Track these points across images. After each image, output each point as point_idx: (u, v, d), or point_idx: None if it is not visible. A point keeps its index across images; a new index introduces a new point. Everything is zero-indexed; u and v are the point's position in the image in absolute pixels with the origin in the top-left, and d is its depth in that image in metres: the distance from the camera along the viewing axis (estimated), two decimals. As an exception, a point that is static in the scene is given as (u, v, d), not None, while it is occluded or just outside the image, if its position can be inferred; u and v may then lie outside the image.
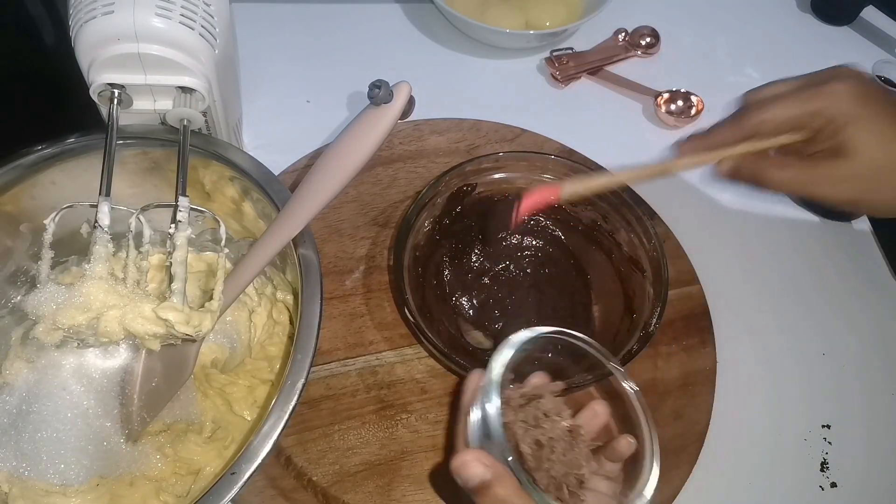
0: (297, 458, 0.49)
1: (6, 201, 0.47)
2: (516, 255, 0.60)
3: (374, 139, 0.44)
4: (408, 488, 0.49)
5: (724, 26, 0.79)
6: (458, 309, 0.57)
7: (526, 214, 0.47)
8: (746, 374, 0.56)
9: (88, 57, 0.44)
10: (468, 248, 0.59)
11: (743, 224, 0.65)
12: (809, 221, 0.66)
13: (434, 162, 0.64)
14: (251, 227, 0.53)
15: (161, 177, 0.51)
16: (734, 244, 0.63)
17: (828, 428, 0.55)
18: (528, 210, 0.46)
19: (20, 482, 0.45)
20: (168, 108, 0.47)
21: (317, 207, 0.45)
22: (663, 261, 0.51)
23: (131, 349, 0.49)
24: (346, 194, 0.61)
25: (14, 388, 0.48)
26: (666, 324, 0.55)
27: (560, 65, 0.72)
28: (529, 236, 0.60)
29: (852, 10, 0.80)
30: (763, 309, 0.60)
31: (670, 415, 0.52)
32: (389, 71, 0.55)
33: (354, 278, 0.57)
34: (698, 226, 0.62)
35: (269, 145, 0.64)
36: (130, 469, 0.46)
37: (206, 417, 0.49)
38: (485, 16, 0.73)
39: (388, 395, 0.52)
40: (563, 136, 0.66)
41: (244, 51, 0.59)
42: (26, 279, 0.51)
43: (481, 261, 0.59)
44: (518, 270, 0.59)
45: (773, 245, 0.64)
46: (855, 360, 0.58)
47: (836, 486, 0.52)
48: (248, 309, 0.52)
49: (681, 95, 0.71)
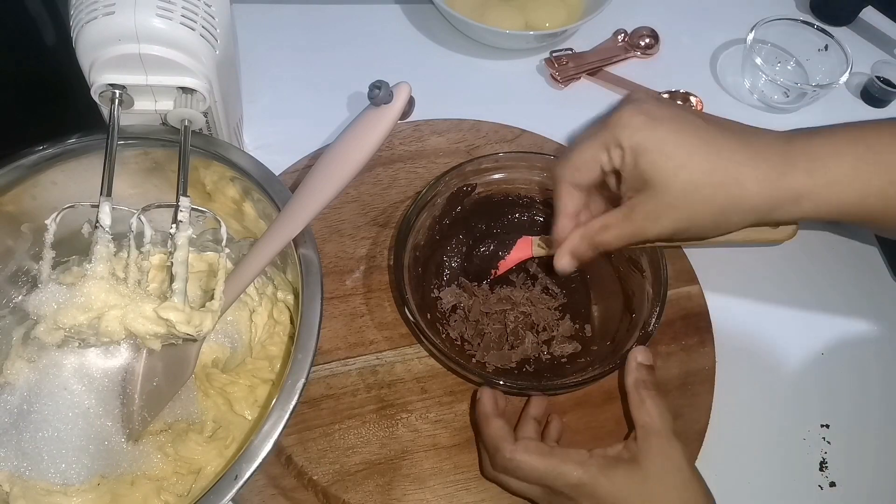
0: (297, 457, 0.49)
1: (7, 201, 0.47)
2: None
3: (374, 140, 0.44)
4: (408, 487, 0.49)
5: (723, 27, 0.79)
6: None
7: (505, 271, 0.55)
8: (746, 373, 0.56)
9: (89, 57, 0.45)
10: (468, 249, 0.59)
11: (742, 224, 0.65)
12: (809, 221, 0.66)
13: (434, 162, 0.64)
14: (252, 227, 0.53)
15: (162, 177, 0.51)
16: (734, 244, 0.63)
17: (827, 427, 0.55)
18: (506, 269, 0.54)
19: (21, 482, 0.45)
20: (169, 108, 0.47)
21: (317, 207, 0.46)
22: (663, 261, 0.51)
23: (132, 349, 0.49)
24: (347, 194, 0.61)
25: (15, 388, 0.48)
26: (665, 323, 0.56)
27: (560, 65, 0.73)
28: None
29: (851, 10, 0.80)
30: (762, 309, 0.60)
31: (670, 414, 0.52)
32: (389, 71, 0.55)
33: (355, 278, 0.58)
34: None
35: (269, 146, 0.64)
36: (131, 468, 0.46)
37: (207, 417, 0.49)
38: (484, 16, 0.73)
39: (389, 395, 0.52)
40: (563, 137, 0.66)
41: (245, 51, 0.59)
42: (27, 279, 0.51)
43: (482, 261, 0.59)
44: (518, 270, 0.59)
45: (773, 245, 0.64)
46: (854, 360, 0.58)
47: (835, 486, 0.52)
48: (248, 309, 0.52)
49: (680, 96, 0.71)
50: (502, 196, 0.58)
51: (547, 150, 0.65)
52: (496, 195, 0.58)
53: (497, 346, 0.55)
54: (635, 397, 0.46)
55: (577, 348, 0.55)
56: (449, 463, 0.50)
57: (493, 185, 0.58)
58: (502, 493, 0.49)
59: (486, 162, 0.56)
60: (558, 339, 0.55)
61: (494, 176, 0.57)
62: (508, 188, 0.58)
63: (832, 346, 0.59)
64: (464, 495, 0.49)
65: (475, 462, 0.50)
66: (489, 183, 0.57)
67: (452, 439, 0.51)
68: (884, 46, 0.79)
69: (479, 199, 0.58)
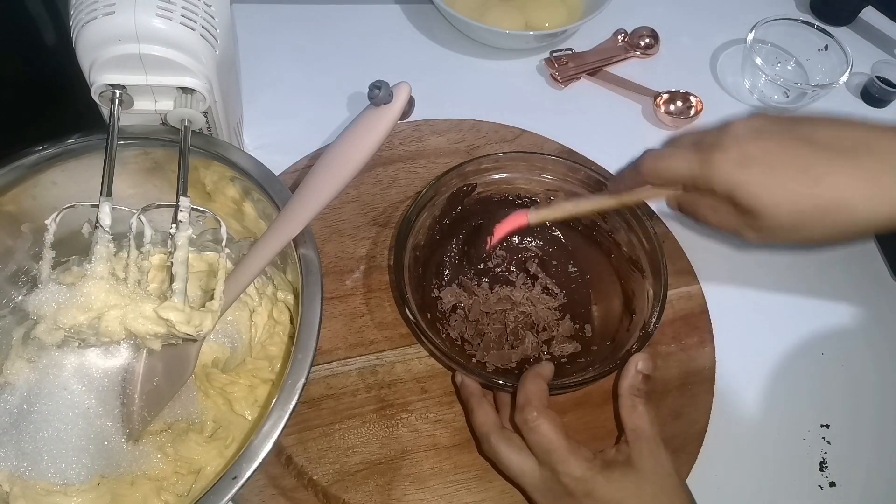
0: (297, 457, 0.49)
1: (7, 201, 0.47)
2: (516, 255, 0.60)
3: (374, 140, 0.44)
4: (408, 487, 0.49)
5: (723, 27, 0.79)
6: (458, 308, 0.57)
7: (499, 241, 0.52)
8: (746, 373, 0.56)
9: (89, 57, 0.45)
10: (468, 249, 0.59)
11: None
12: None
13: (434, 162, 0.64)
14: (252, 227, 0.53)
15: (162, 177, 0.51)
16: (734, 244, 0.63)
17: (827, 427, 0.55)
18: (500, 237, 0.52)
19: (21, 482, 0.45)
20: (169, 108, 0.47)
21: (317, 207, 0.46)
22: (663, 261, 0.51)
23: (132, 349, 0.49)
24: (347, 194, 0.61)
25: (15, 388, 0.48)
26: (665, 323, 0.56)
27: (560, 65, 0.73)
28: (529, 237, 0.60)
29: (851, 10, 0.80)
30: (762, 308, 0.60)
31: (670, 414, 0.52)
32: (389, 71, 0.55)
33: (355, 278, 0.58)
34: (698, 226, 0.62)
35: (269, 146, 0.64)
36: (131, 468, 0.46)
37: (207, 417, 0.49)
38: (485, 16, 0.73)
39: (389, 395, 0.52)
40: (563, 137, 0.66)
41: (245, 51, 0.59)
42: (27, 279, 0.51)
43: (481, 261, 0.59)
44: (518, 270, 0.59)
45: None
46: (854, 360, 0.58)
47: (835, 486, 0.52)
48: (248, 309, 0.52)
49: (680, 96, 0.71)
50: (502, 196, 0.58)
51: (547, 150, 0.65)
52: (496, 195, 0.58)
53: (497, 346, 0.55)
54: (627, 402, 0.46)
55: (577, 348, 0.55)
56: (449, 463, 0.50)
57: (493, 185, 0.58)
58: (502, 493, 0.49)
59: (486, 162, 0.56)
60: (558, 339, 0.55)
61: (494, 176, 0.57)
62: (508, 188, 0.58)
63: (832, 346, 0.59)
64: (464, 495, 0.49)
65: (475, 462, 0.50)
66: (489, 183, 0.57)
67: (452, 439, 0.51)
68: (884, 46, 0.79)
69: (479, 199, 0.58)
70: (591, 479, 0.43)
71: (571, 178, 0.57)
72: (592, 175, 0.56)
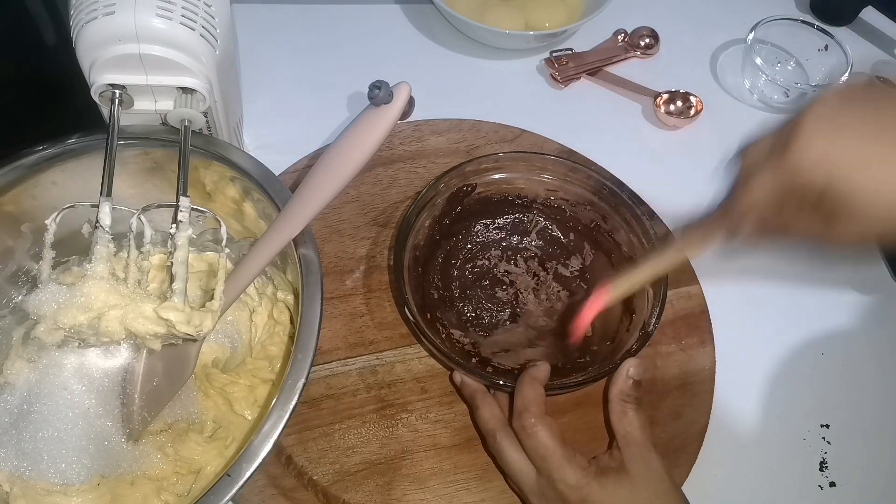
0: (297, 457, 0.49)
1: (7, 201, 0.47)
2: (516, 255, 0.60)
3: (374, 140, 0.44)
4: (408, 487, 0.49)
5: (723, 27, 0.79)
6: (458, 309, 0.57)
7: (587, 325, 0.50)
8: (746, 373, 0.56)
9: (89, 57, 0.45)
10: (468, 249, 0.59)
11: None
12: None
13: (434, 162, 0.64)
14: (252, 227, 0.53)
15: (162, 177, 0.51)
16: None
17: (827, 427, 0.55)
18: (587, 322, 0.50)
19: (21, 482, 0.45)
20: (169, 108, 0.47)
21: (317, 207, 0.46)
22: (663, 261, 0.51)
23: (132, 349, 0.49)
24: (347, 194, 0.61)
25: (15, 388, 0.48)
26: (665, 323, 0.56)
27: (560, 65, 0.73)
28: (529, 237, 0.60)
29: (851, 10, 0.80)
30: (762, 309, 0.60)
31: (670, 414, 0.52)
32: (389, 71, 0.55)
33: (355, 278, 0.58)
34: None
35: (269, 146, 0.64)
36: (131, 468, 0.46)
37: (207, 417, 0.49)
38: (484, 17, 0.73)
39: (389, 395, 0.52)
40: (563, 137, 0.66)
41: (245, 51, 0.59)
42: (27, 279, 0.51)
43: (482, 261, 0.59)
44: (517, 270, 0.59)
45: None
46: (854, 360, 0.58)
47: (836, 486, 0.52)
48: (248, 309, 0.52)
49: (680, 96, 0.71)
50: (502, 196, 0.58)
51: (547, 150, 0.65)
52: (496, 195, 0.58)
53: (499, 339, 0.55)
54: (617, 407, 0.47)
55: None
56: (449, 463, 0.50)
57: (493, 185, 0.58)
58: (502, 493, 0.49)
59: (486, 162, 0.56)
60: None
61: (494, 176, 0.57)
62: (508, 188, 0.58)
63: (832, 346, 0.59)
64: (464, 495, 0.49)
65: (475, 462, 0.50)
66: (489, 183, 0.58)
67: (452, 439, 0.51)
68: (884, 46, 0.79)
69: (479, 199, 0.58)
70: (586, 487, 0.43)
71: (571, 178, 0.57)
72: (592, 175, 0.56)
